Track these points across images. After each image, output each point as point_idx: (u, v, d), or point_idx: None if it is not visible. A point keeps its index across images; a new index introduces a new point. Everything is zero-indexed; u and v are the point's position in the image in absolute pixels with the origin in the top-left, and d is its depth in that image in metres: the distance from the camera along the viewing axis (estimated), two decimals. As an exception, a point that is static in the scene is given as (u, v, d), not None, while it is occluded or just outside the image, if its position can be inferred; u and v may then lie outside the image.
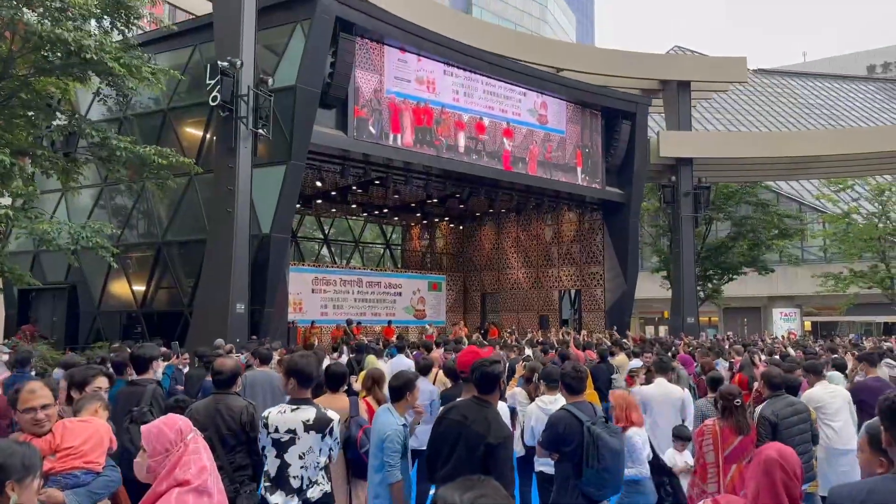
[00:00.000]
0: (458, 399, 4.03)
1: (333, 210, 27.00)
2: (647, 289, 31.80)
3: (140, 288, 17.49)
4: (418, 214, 28.02)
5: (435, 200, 24.25)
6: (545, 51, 24.31)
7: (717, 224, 31.69)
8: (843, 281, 28.83)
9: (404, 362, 9.15)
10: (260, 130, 13.70)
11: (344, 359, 10.80)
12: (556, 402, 4.66)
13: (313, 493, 3.82)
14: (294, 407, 3.92)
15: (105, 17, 11.38)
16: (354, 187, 21.70)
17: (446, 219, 29.00)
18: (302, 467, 3.81)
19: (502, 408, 4.45)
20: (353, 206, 25.59)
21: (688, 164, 24.99)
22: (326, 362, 7.01)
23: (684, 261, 24.98)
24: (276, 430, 3.84)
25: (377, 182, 20.24)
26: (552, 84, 21.33)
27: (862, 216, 30.15)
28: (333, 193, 23.03)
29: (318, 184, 20.21)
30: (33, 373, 7.18)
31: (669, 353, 10.19)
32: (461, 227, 29.29)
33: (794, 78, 55.21)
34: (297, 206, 20.29)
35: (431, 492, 3.69)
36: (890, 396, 2.00)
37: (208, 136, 16.00)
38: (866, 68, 61.90)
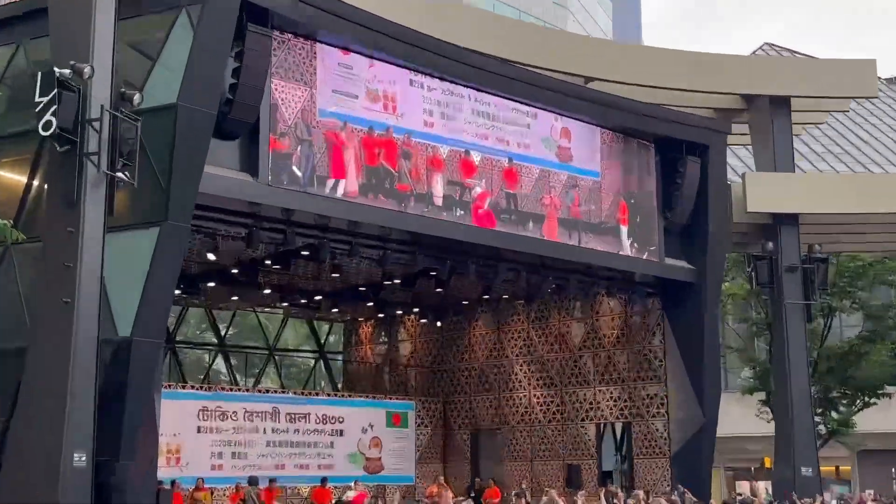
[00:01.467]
0: None
1: (235, 298, 26.83)
2: (736, 421, 31.62)
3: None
4: (370, 304, 27.92)
5: (397, 282, 24.21)
6: (568, 52, 24.80)
7: (843, 317, 31.98)
8: None
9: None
10: (120, 174, 13.72)
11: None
12: None
13: None
14: None
15: None
16: (269, 262, 21.61)
17: (415, 311, 29.00)
18: None
19: None
20: (267, 291, 25.48)
21: (792, 223, 25.34)
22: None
23: (792, 375, 24.97)
24: None
25: (305, 253, 20.20)
26: (578, 101, 21.82)
27: None
28: (235, 272, 22.95)
29: (211, 257, 20.12)
30: None
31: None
32: (439, 325, 29.24)
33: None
34: (177, 292, 20.18)
35: None
36: None
37: (35, 183, 15.97)
38: None
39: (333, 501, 20.60)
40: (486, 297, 26.04)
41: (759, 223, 25.62)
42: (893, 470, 37.70)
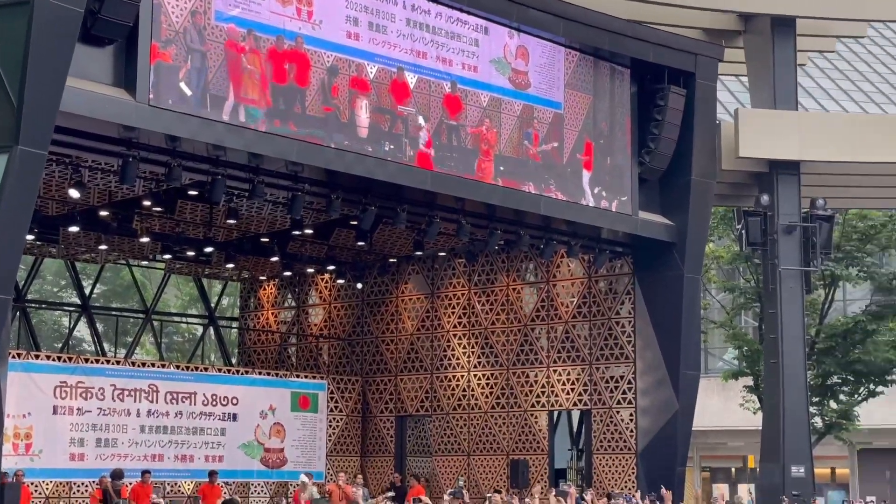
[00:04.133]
0: None
1: (103, 248, 26.41)
2: (717, 411, 32.25)
3: None
4: (273, 259, 27.67)
5: (308, 232, 24.07)
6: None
7: (847, 287, 32.57)
8: None
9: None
10: (-43, 86, 13.43)
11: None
12: None
13: None
14: None
15: None
16: (148, 202, 21.30)
17: (329, 268, 28.90)
18: None
19: None
20: (145, 239, 25.09)
21: (792, 172, 25.74)
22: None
23: (786, 357, 25.47)
24: None
25: (194, 193, 19.93)
26: (539, 14, 21.62)
27: None
28: (104, 214, 22.53)
29: (74, 194, 19.75)
30: None
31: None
32: (359, 286, 29.23)
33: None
34: (30, 237, 19.81)
35: None
36: None
37: None
38: None
39: (223, 500, 20.45)
40: (419, 253, 25.93)
41: (752, 171, 26.00)
42: (888, 473, 38.78)
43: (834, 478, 38.69)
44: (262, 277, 30.75)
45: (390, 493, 22.45)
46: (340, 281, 29.52)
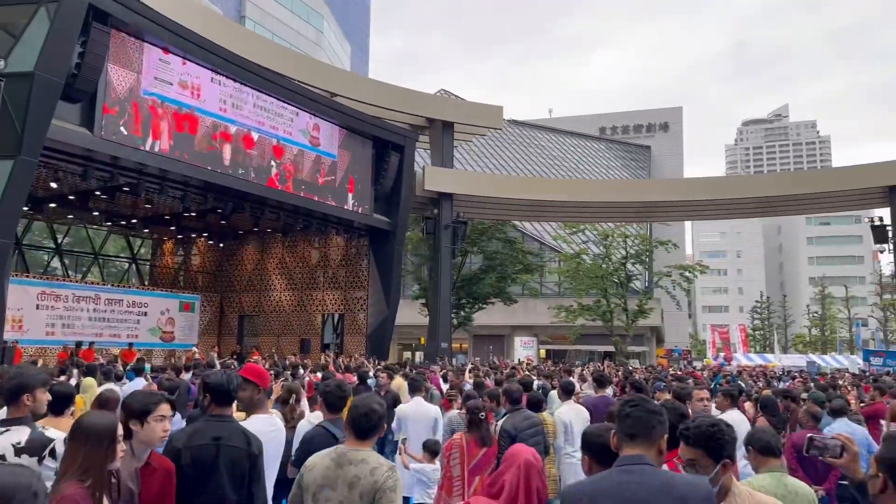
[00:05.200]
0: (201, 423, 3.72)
1: (70, 216, 23.93)
2: (407, 315, 33.00)
3: None
4: (172, 228, 25.94)
5: (193, 214, 22.81)
6: (320, 74, 24.42)
7: (471, 257, 34.12)
8: (573, 313, 32.80)
9: (141, 386, 8.48)
10: (-17, 117, 11.86)
11: (73, 382, 9.66)
12: (320, 419, 4.64)
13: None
14: (4, 429, 3.41)
15: None
16: (98, 192, 19.55)
17: (204, 234, 27.32)
18: (14, 497, 3.32)
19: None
20: (95, 213, 22.98)
21: (448, 199, 26.66)
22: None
23: (442, 289, 26.46)
24: (-18, 458, 3.31)
25: (126, 189, 18.50)
26: (326, 108, 21.41)
27: (589, 257, 34.69)
28: (71, 198, 20.42)
29: (53, 185, 17.87)
30: None
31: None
32: (221, 245, 27.82)
33: (542, 131, 62.29)
34: (25, 209, 17.80)
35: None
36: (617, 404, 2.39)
37: None
38: (598, 129, 71.70)
39: (136, 359, 19.21)
40: (256, 229, 25.02)
41: (430, 197, 26.73)
42: (491, 346, 41.05)
43: (461, 349, 40.46)
44: (165, 238, 28.74)
45: (234, 357, 21.68)
46: (210, 242, 27.92)
